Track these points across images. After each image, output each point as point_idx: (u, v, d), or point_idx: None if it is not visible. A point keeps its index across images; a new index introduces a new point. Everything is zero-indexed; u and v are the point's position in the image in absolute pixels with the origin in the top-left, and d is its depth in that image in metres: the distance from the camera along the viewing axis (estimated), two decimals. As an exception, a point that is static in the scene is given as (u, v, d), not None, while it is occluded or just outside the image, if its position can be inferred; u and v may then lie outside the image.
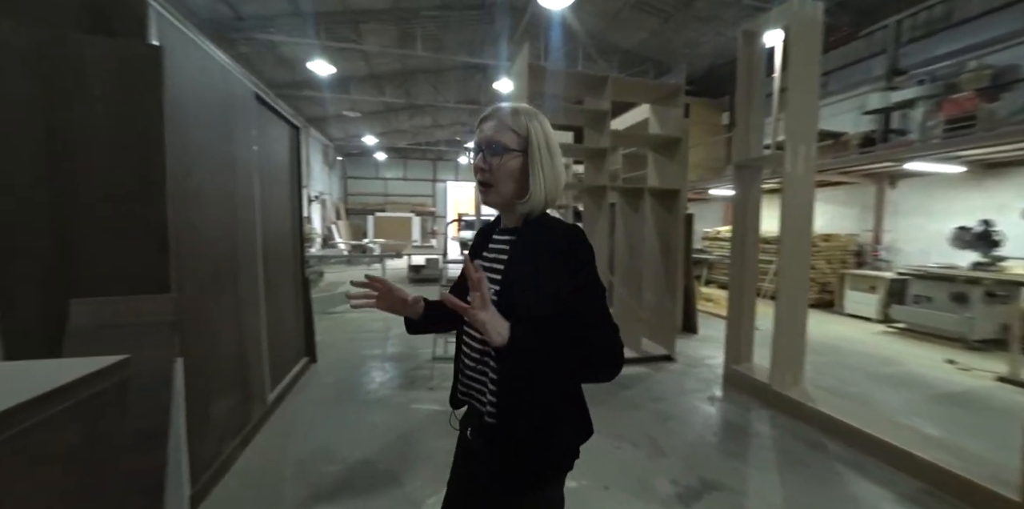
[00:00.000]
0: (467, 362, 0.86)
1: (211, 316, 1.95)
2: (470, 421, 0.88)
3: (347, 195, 19.16)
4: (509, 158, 0.77)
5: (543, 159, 0.78)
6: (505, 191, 0.79)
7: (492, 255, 0.86)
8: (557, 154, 0.81)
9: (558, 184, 0.80)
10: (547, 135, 0.80)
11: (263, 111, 2.65)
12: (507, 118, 0.78)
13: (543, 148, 0.78)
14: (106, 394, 1.07)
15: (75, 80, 1.46)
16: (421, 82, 10.96)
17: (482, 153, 0.79)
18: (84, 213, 1.49)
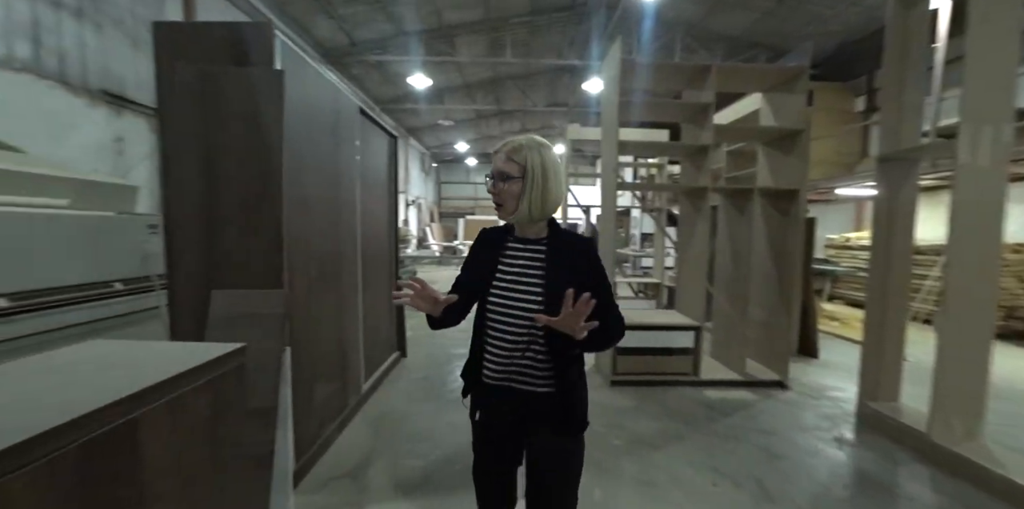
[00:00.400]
0: (507, 356, 1.05)
1: (315, 310, 2.16)
2: (507, 399, 1.07)
3: (440, 199, 20.47)
4: (511, 184, 1.00)
5: (534, 184, 0.99)
6: (510, 208, 1.02)
7: (522, 261, 1.06)
8: (551, 178, 1.00)
9: (546, 203, 1.01)
10: (543, 164, 0.99)
11: (365, 123, 2.89)
12: (512, 152, 1.01)
13: (537, 175, 0.99)
14: (227, 375, 1.21)
15: (220, 103, 1.72)
16: (510, 88, 11.23)
17: (493, 179, 1.03)
18: (222, 216, 1.74)
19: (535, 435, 1.06)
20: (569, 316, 0.84)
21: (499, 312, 1.04)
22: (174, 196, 1.74)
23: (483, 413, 1.12)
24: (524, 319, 1.01)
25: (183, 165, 1.72)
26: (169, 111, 1.73)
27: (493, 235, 1.15)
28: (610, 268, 3.32)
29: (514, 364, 1.04)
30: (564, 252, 1.04)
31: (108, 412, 0.77)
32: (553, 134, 16.28)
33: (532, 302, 1.00)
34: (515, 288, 1.04)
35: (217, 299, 1.71)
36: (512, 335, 1.03)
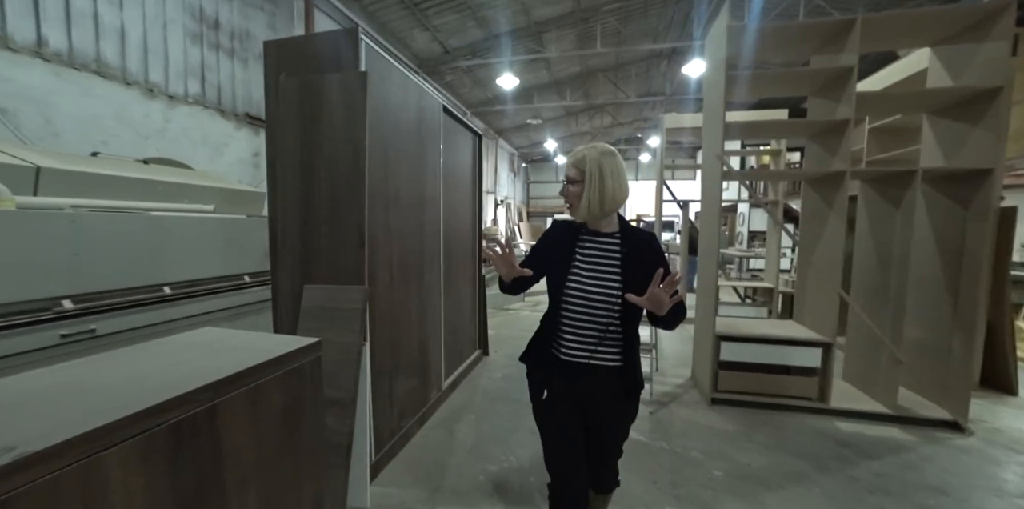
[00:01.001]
0: (589, 336, 1.20)
1: (397, 306, 2.22)
2: (583, 375, 1.22)
3: (529, 198, 20.65)
4: (575, 186, 1.19)
5: (591, 186, 1.15)
6: (576, 205, 1.20)
7: (598, 252, 1.22)
8: (608, 180, 1.15)
9: (605, 201, 1.16)
10: (601, 169, 1.15)
11: (449, 121, 2.93)
12: (576, 161, 1.19)
13: (594, 179, 1.15)
14: (304, 368, 1.26)
15: (314, 108, 1.84)
16: (600, 82, 10.77)
17: (565, 184, 1.23)
18: (315, 215, 1.86)
19: (602, 403, 1.22)
20: (658, 293, 1.02)
21: (580, 297, 1.19)
22: (277, 198, 1.91)
23: (552, 391, 1.25)
24: (605, 303, 1.16)
25: (285, 169, 1.88)
26: (274, 120, 1.91)
27: (566, 228, 1.29)
28: (712, 270, 2.88)
29: (595, 343, 1.19)
30: (634, 244, 1.21)
31: (191, 398, 0.80)
32: (647, 127, 15.28)
33: (612, 288, 1.16)
34: (595, 275, 1.19)
35: (308, 293, 1.83)
36: (595, 317, 1.18)
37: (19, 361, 2.09)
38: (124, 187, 2.81)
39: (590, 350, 1.20)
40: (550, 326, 1.27)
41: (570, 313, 1.21)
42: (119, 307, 2.49)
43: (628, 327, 1.19)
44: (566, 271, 1.21)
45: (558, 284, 1.21)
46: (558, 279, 1.21)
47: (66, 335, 2.25)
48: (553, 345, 1.26)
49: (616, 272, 1.17)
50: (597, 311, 1.17)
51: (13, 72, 3.17)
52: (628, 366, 1.20)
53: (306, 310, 1.81)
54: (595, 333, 1.19)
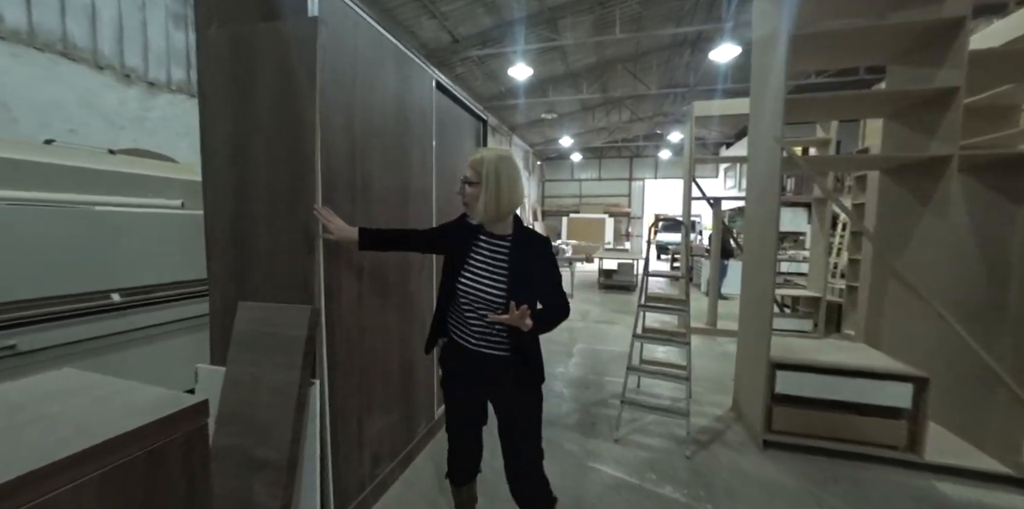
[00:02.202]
0: (477, 323, 1.29)
1: (371, 325, 1.76)
2: (472, 358, 1.32)
3: (544, 197, 20.11)
4: (473, 187, 1.26)
5: (487, 188, 1.23)
6: (473, 207, 1.27)
7: (489, 254, 1.30)
8: (504, 183, 1.24)
9: (500, 204, 1.24)
10: (498, 173, 1.23)
11: (444, 101, 2.46)
12: (474, 163, 1.26)
13: (490, 181, 1.23)
14: (172, 448, 0.80)
15: (249, 70, 1.39)
16: (619, 73, 10.18)
17: (462, 183, 1.30)
18: (251, 211, 1.41)
19: (498, 390, 1.32)
20: (515, 318, 1.14)
21: (471, 294, 1.26)
22: (208, 188, 1.48)
23: (448, 373, 1.38)
24: (492, 302, 1.24)
25: (215, 149, 1.44)
26: (204, 86, 1.47)
27: (466, 226, 1.35)
28: (765, 280, 2.33)
29: (484, 335, 1.29)
30: (525, 247, 1.29)
31: None
32: (667, 122, 14.57)
33: (498, 289, 1.25)
34: (484, 275, 1.27)
35: (241, 313, 1.38)
36: (482, 314, 1.26)
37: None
38: (71, 179, 2.44)
39: (479, 340, 1.30)
40: (440, 313, 1.37)
41: (464, 306, 1.29)
42: (48, 318, 2.12)
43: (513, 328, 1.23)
44: (458, 270, 1.29)
45: (450, 280, 1.30)
46: (451, 276, 1.30)
47: (-25, 354, 1.89)
48: (452, 329, 1.35)
49: (502, 275, 1.25)
50: (485, 308, 1.25)
51: (-36, 52, 2.84)
52: (519, 357, 1.27)
53: (238, 335, 1.36)
54: (484, 325, 1.27)
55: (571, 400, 2.96)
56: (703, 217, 15.15)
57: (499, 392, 1.31)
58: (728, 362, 3.80)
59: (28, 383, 0.88)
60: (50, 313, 2.09)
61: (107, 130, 3.58)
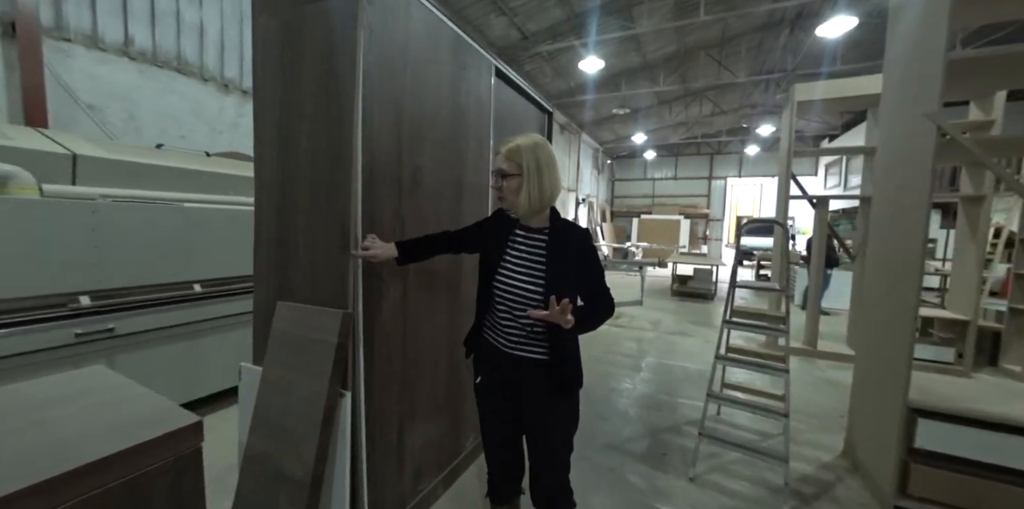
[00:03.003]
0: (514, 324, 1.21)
1: (417, 329, 1.63)
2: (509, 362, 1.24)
3: (613, 197, 19.32)
4: (512, 180, 1.18)
5: (530, 180, 1.16)
6: (510, 200, 1.20)
7: (527, 248, 1.22)
8: (545, 174, 1.17)
9: (543, 195, 1.17)
10: (537, 162, 1.16)
11: (506, 91, 2.29)
12: (509, 153, 1.18)
13: (532, 172, 1.15)
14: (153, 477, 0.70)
15: (296, 55, 1.32)
16: (701, 62, 9.31)
17: (495, 177, 1.21)
18: (292, 203, 1.35)
19: (533, 395, 1.22)
20: (555, 314, 1.03)
21: (507, 292, 1.20)
22: (258, 182, 1.44)
23: (485, 377, 1.31)
24: (530, 300, 1.17)
25: (264, 139, 1.40)
26: (257, 79, 1.44)
27: (503, 221, 1.29)
28: (907, 299, 1.81)
29: (522, 336, 1.21)
30: (563, 241, 1.20)
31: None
32: (755, 114, 13.11)
33: (536, 285, 1.17)
34: (521, 272, 1.20)
35: (280, 313, 1.32)
36: (519, 313, 1.19)
37: (30, 360, 1.96)
38: (173, 178, 2.69)
39: (515, 342, 1.22)
40: (479, 316, 1.31)
41: (499, 306, 1.23)
42: (141, 305, 2.32)
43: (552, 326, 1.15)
44: (495, 266, 1.23)
45: (488, 278, 1.24)
46: (488, 273, 1.24)
47: (81, 334, 2.10)
48: (487, 332, 1.29)
49: (540, 270, 1.18)
50: (523, 307, 1.18)
51: (101, 70, 3.30)
52: (556, 360, 1.19)
53: (275, 335, 1.30)
54: (521, 326, 1.20)
55: (638, 422, 2.62)
56: (796, 219, 13.40)
57: (533, 397, 1.22)
58: (834, 393, 3.15)
59: (49, 382, 0.85)
60: (143, 300, 2.29)
61: (210, 135, 3.98)
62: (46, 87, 2.98)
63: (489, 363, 1.28)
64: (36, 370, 1.93)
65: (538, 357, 1.20)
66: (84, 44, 3.20)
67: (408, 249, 1.30)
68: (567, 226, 1.22)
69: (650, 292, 7.40)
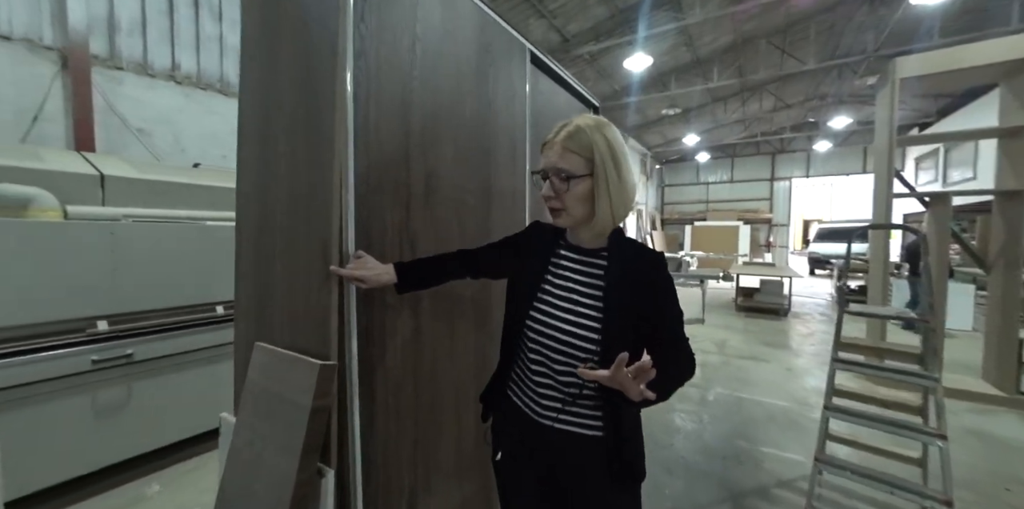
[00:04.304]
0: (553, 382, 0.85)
1: (437, 373, 1.30)
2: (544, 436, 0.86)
3: (663, 204, 18.32)
4: (577, 183, 0.79)
5: (609, 179, 0.79)
6: (577, 214, 0.82)
7: (575, 275, 0.86)
8: (624, 167, 0.81)
9: (625, 201, 0.82)
10: (612, 151, 0.79)
11: (543, 81, 1.95)
12: (568, 142, 0.79)
13: (609, 167, 0.79)
14: None
15: (275, 47, 1.07)
16: (762, 52, 8.49)
17: (549, 180, 0.82)
18: (270, 221, 1.07)
19: (580, 487, 0.84)
20: (622, 377, 0.65)
21: (545, 336, 0.84)
22: (239, 195, 1.20)
23: (507, 451, 0.93)
24: (578, 351, 0.81)
25: (244, 148, 1.16)
26: (243, 81, 1.21)
27: (546, 235, 0.95)
28: None
29: (564, 401, 0.84)
30: (628, 268, 0.84)
31: None
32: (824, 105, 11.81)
33: (589, 328, 0.81)
34: (566, 309, 0.84)
35: (256, 358, 1.03)
36: (564, 365, 0.83)
37: (45, 389, 1.85)
38: (198, 196, 2.62)
39: (553, 410, 0.85)
40: (503, 364, 0.96)
41: (533, 355, 0.87)
42: (161, 329, 2.20)
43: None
44: (529, 299, 0.87)
45: (518, 314, 0.88)
46: (518, 308, 0.89)
47: (98, 360, 1.99)
48: (513, 390, 0.93)
49: (596, 308, 0.81)
50: (567, 360, 0.82)
51: (150, 95, 3.39)
52: (613, 437, 0.82)
53: (249, 388, 1.02)
54: (563, 386, 0.84)
55: (712, 479, 2.10)
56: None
57: (578, 489, 0.86)
58: (985, 450, 2.41)
59: None
60: (163, 324, 2.17)
61: (249, 153, 4.01)
62: (101, 114, 3.08)
63: (514, 435, 0.92)
64: (50, 399, 1.82)
65: (587, 434, 0.84)
66: (135, 71, 3.32)
67: (410, 272, 0.97)
68: (634, 248, 0.86)
69: (711, 307, 6.65)
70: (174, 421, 2.20)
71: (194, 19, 3.61)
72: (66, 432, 1.85)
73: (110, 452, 1.98)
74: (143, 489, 1.97)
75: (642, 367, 0.64)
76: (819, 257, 11.48)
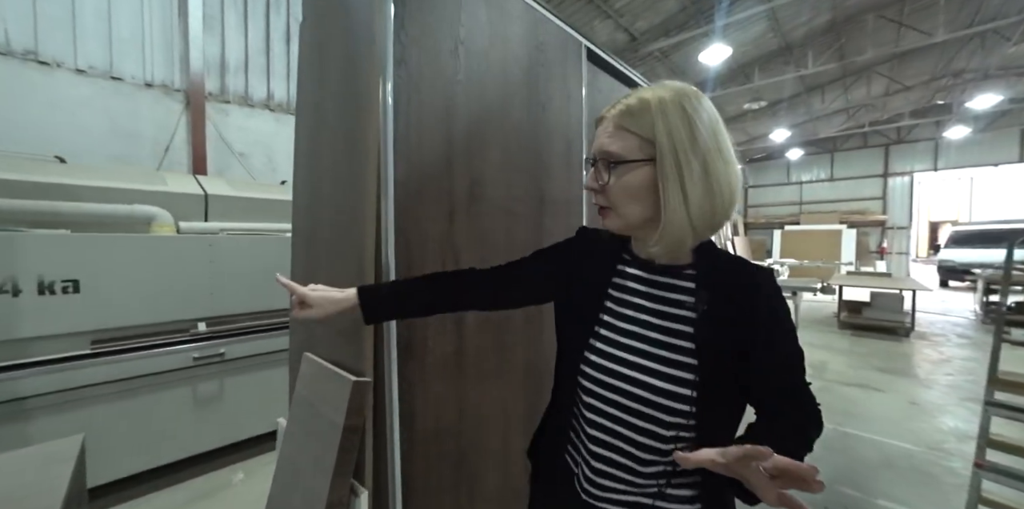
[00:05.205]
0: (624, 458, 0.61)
1: (483, 391, 1.23)
2: None
3: (747, 207, 16.71)
4: (626, 171, 0.58)
5: (684, 168, 0.55)
6: (630, 214, 0.60)
7: (650, 305, 0.62)
8: (713, 154, 0.56)
9: (716, 202, 0.56)
10: (692, 129, 0.55)
11: (600, 77, 1.83)
12: (624, 118, 0.58)
13: (684, 151, 0.55)
14: None
15: (323, 54, 1.09)
16: (870, 28, 7.35)
17: (594, 167, 0.61)
18: (317, 231, 1.09)
19: None
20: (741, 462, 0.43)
21: (606, 386, 0.61)
22: (294, 206, 1.25)
23: None
24: (658, 408, 0.57)
25: (298, 167, 1.21)
26: (298, 100, 1.27)
27: (601, 244, 0.69)
28: None
29: (648, 486, 0.60)
30: (726, 295, 0.59)
31: None
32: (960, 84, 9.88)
33: (675, 381, 0.57)
34: (638, 350, 0.60)
35: (304, 368, 1.05)
36: (640, 433, 0.59)
37: (155, 381, 2.14)
38: (283, 210, 2.90)
39: (618, 491, 0.61)
40: (555, 419, 0.71)
41: (589, 413, 0.63)
42: (246, 331, 2.43)
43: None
44: (585, 332, 0.64)
45: (570, 351, 0.66)
46: (570, 342, 0.66)
47: (199, 358, 2.26)
48: (571, 452, 0.68)
49: (685, 350, 0.58)
50: (644, 421, 0.58)
51: (250, 123, 3.86)
52: None
53: (296, 398, 1.03)
54: (636, 465, 0.60)
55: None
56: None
57: None
58: None
59: None
60: (250, 326, 2.41)
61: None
62: (212, 141, 3.58)
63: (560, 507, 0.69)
64: (158, 390, 2.09)
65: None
66: (239, 103, 3.81)
67: (382, 300, 0.71)
68: (732, 264, 0.62)
69: (805, 322, 5.81)
70: (259, 415, 2.41)
71: (285, 53, 4.06)
72: (171, 419, 2.10)
73: (205, 440, 2.21)
74: (229, 476, 2.16)
75: (763, 454, 0.42)
76: (954, 266, 9.53)
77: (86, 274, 1.82)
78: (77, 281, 1.79)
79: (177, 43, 3.44)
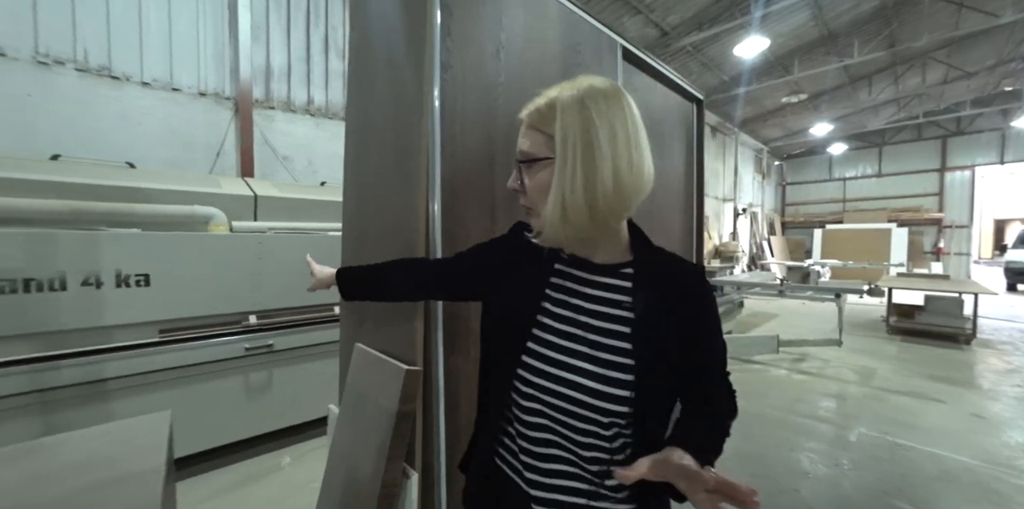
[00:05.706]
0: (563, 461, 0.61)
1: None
2: None
3: (785, 205, 16.01)
4: (538, 169, 0.58)
5: (573, 157, 0.54)
6: (544, 213, 0.58)
7: (587, 304, 0.61)
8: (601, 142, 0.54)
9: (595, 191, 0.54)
10: (587, 123, 0.54)
11: (636, 75, 1.82)
12: (533, 117, 0.59)
13: (574, 144, 0.54)
14: None
15: (370, 60, 1.16)
16: (925, 13, 6.88)
17: (517, 168, 0.62)
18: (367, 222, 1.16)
19: None
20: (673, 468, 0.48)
21: (546, 391, 0.59)
22: (344, 204, 1.33)
23: None
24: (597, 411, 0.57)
25: (347, 169, 1.28)
26: (347, 105, 1.35)
27: (532, 246, 0.65)
28: None
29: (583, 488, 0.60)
30: (662, 293, 0.60)
31: None
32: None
33: (612, 382, 0.57)
34: (575, 351, 0.59)
35: (355, 358, 1.12)
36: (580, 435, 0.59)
37: (215, 368, 2.31)
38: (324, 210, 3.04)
39: (559, 489, 0.60)
40: (484, 424, 0.69)
41: (528, 416, 0.61)
42: (293, 325, 2.57)
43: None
44: (520, 334, 0.62)
45: (501, 355, 0.64)
46: (502, 345, 0.64)
47: (249, 348, 2.41)
48: (503, 457, 0.66)
49: (622, 351, 0.58)
50: (583, 423, 0.58)
51: (292, 127, 4.07)
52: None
53: (348, 386, 1.10)
54: (585, 464, 0.60)
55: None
56: None
57: None
58: None
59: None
60: (297, 320, 2.55)
61: (366, 171, 4.55)
62: (258, 145, 3.80)
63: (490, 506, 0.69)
64: (213, 378, 2.25)
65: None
66: (282, 109, 4.01)
67: (352, 279, 0.88)
68: (667, 260, 0.63)
69: (850, 326, 5.51)
70: (305, 403, 2.54)
71: (324, 61, 4.25)
72: (225, 405, 2.26)
73: (255, 425, 2.36)
74: (277, 460, 2.30)
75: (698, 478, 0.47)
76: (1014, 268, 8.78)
77: (155, 269, 1.99)
78: (148, 275, 1.96)
79: (227, 54, 3.67)
